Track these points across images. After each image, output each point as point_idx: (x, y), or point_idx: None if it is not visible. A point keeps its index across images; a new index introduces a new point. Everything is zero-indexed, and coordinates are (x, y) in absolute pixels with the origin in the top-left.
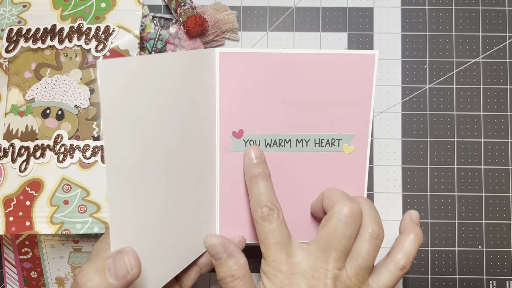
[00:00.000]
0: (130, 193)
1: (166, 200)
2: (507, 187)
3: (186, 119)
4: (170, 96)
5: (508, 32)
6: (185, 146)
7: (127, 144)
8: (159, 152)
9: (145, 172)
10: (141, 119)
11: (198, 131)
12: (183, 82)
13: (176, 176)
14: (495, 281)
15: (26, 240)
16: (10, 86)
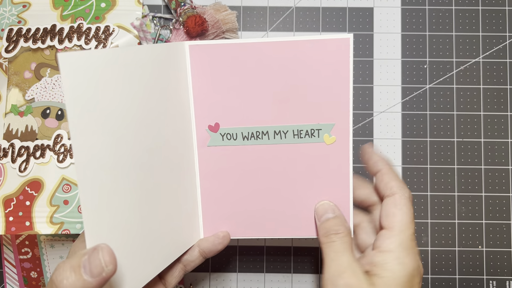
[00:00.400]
0: (104, 190)
1: (143, 197)
2: (507, 187)
3: (160, 114)
4: (141, 90)
5: (508, 32)
6: (160, 141)
7: (97, 141)
8: (132, 148)
9: (118, 168)
10: (110, 114)
11: (174, 126)
12: (154, 75)
13: (152, 172)
14: (495, 281)
15: (26, 240)
16: (10, 86)
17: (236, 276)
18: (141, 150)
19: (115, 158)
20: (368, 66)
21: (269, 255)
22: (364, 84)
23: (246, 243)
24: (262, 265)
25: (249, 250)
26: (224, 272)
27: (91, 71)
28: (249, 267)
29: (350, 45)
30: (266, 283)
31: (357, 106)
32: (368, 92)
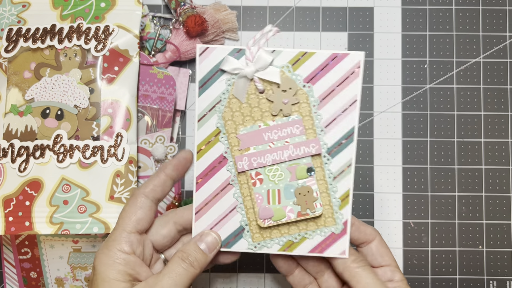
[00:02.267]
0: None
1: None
2: (508, 187)
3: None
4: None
5: (508, 32)
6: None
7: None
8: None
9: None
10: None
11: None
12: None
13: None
14: (496, 281)
15: (25, 240)
16: (9, 86)
17: (236, 276)
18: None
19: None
20: (368, 66)
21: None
22: (364, 84)
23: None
24: (262, 265)
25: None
26: (224, 272)
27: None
28: (249, 267)
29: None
30: (266, 283)
31: None
32: (368, 92)
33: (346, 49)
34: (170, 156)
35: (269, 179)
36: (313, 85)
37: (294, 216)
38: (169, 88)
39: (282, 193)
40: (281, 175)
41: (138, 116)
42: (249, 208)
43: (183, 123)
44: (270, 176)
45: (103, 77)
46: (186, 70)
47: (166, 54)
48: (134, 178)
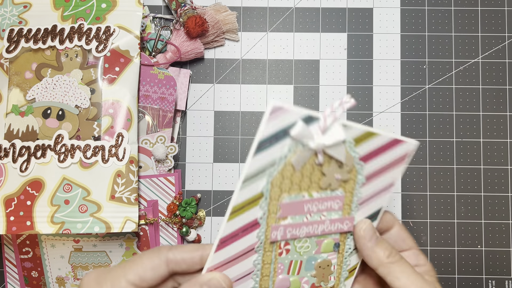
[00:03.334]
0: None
1: None
2: (507, 187)
3: None
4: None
5: (507, 32)
6: None
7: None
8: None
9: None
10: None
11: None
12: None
13: None
14: (494, 280)
15: (27, 240)
16: (11, 86)
17: None
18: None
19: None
20: (367, 67)
21: None
22: (363, 84)
23: None
24: None
25: None
26: None
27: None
28: None
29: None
30: None
31: (357, 106)
32: (367, 92)
33: (345, 50)
34: (171, 156)
35: (295, 250)
36: (365, 163)
37: (308, 287)
38: (170, 88)
39: (303, 264)
40: (307, 247)
41: (139, 116)
42: (264, 276)
43: (183, 123)
44: (298, 247)
45: (104, 78)
46: (187, 71)
47: (167, 55)
48: (135, 178)
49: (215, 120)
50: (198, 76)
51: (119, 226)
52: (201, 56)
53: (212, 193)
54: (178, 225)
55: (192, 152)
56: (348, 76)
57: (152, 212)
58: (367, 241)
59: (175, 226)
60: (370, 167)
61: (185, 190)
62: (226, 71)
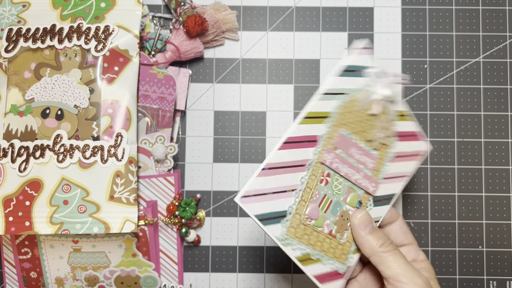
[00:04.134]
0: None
1: None
2: (507, 187)
3: None
4: None
5: (508, 32)
6: None
7: None
8: None
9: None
10: None
11: None
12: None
13: None
14: (496, 281)
15: (25, 240)
16: (9, 86)
17: (236, 276)
18: None
19: None
20: None
21: (269, 255)
22: None
23: (246, 244)
24: (262, 265)
25: (249, 250)
26: (224, 272)
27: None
28: (249, 267)
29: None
30: (266, 283)
31: None
32: None
33: (346, 49)
34: (170, 156)
35: (332, 186)
36: (399, 141)
37: (327, 231)
38: (169, 88)
39: (332, 205)
40: (340, 190)
41: (138, 116)
42: (302, 200)
43: (183, 123)
44: (334, 184)
45: (103, 77)
46: (186, 70)
47: (166, 54)
48: (134, 178)
49: (215, 120)
50: (197, 75)
51: (118, 226)
52: (200, 56)
53: (211, 193)
54: (178, 226)
55: (191, 152)
56: None
57: (151, 213)
58: (361, 229)
59: (174, 226)
60: (401, 147)
61: (184, 190)
62: (226, 71)
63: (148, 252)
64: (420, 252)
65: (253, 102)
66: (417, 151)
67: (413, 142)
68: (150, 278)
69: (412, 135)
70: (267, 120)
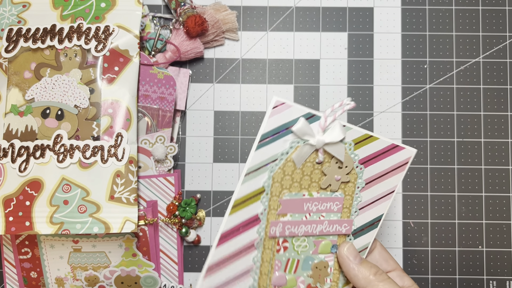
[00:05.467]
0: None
1: None
2: (507, 187)
3: None
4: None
5: (508, 32)
6: None
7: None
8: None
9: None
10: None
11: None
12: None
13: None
14: (495, 281)
15: (26, 240)
16: (10, 86)
17: None
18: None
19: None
20: (368, 66)
21: None
22: (364, 84)
23: None
24: None
25: None
26: None
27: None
28: None
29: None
30: None
31: (357, 106)
32: (368, 92)
33: (346, 49)
34: (170, 156)
35: (293, 248)
36: (365, 167)
37: (304, 287)
38: (169, 88)
39: (300, 263)
40: (305, 246)
41: (138, 116)
42: (263, 274)
43: (183, 123)
44: (296, 245)
45: (103, 77)
46: (186, 70)
47: (166, 54)
48: (134, 178)
49: (215, 120)
50: (197, 75)
51: (119, 226)
52: (200, 56)
53: (211, 193)
54: (178, 226)
55: (191, 152)
56: (349, 75)
57: (151, 213)
58: (351, 261)
59: (174, 226)
60: (370, 172)
61: (184, 190)
62: (226, 71)
63: (148, 252)
64: (406, 278)
65: (253, 102)
66: (401, 161)
67: (395, 155)
68: (150, 278)
69: (390, 149)
70: None
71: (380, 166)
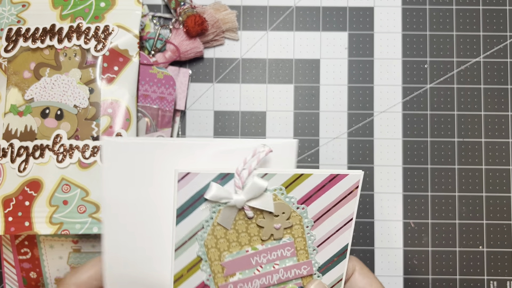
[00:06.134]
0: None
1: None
2: (508, 187)
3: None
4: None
5: (509, 31)
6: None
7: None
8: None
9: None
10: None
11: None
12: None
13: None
14: (496, 281)
15: (25, 241)
16: (9, 85)
17: None
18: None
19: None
20: (368, 66)
21: None
22: (364, 84)
23: None
24: None
25: None
26: None
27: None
28: None
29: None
30: None
31: (357, 106)
32: (368, 92)
33: (346, 49)
34: None
35: None
36: (307, 206)
37: None
38: (169, 88)
39: None
40: None
41: (138, 116)
42: None
43: (183, 123)
44: None
45: (103, 77)
46: (186, 70)
47: (166, 54)
48: None
49: (215, 120)
50: (197, 75)
51: None
52: (200, 56)
53: None
54: None
55: None
56: (349, 75)
57: None
58: None
59: None
60: (316, 208)
61: None
62: (225, 71)
63: None
64: None
65: (253, 102)
66: (350, 187)
67: (339, 183)
68: None
69: (331, 179)
70: (267, 120)
71: (325, 199)
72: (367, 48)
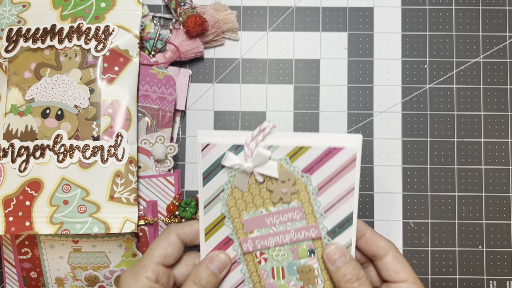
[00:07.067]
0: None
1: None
2: (507, 187)
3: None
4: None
5: (508, 32)
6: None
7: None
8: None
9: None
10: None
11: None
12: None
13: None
14: (495, 281)
15: (25, 240)
16: (9, 86)
17: None
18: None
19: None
20: (368, 66)
21: None
22: (364, 84)
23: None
24: None
25: None
26: None
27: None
28: None
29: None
30: None
31: (357, 106)
32: (368, 92)
33: (346, 49)
34: (170, 156)
35: (273, 258)
36: (311, 175)
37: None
38: (169, 88)
39: (286, 270)
40: (284, 254)
41: (138, 116)
42: (255, 282)
43: (183, 123)
44: (274, 255)
45: (103, 77)
46: (186, 70)
47: (166, 54)
48: (134, 178)
49: (215, 120)
50: (197, 75)
51: (118, 226)
52: (200, 56)
53: None
54: None
55: (191, 152)
56: (349, 75)
57: (151, 213)
58: (330, 264)
59: None
60: (319, 177)
61: (184, 190)
62: (226, 71)
63: None
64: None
65: (253, 102)
66: (348, 158)
67: (336, 156)
68: None
69: (328, 153)
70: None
71: (325, 170)
72: (367, 48)
